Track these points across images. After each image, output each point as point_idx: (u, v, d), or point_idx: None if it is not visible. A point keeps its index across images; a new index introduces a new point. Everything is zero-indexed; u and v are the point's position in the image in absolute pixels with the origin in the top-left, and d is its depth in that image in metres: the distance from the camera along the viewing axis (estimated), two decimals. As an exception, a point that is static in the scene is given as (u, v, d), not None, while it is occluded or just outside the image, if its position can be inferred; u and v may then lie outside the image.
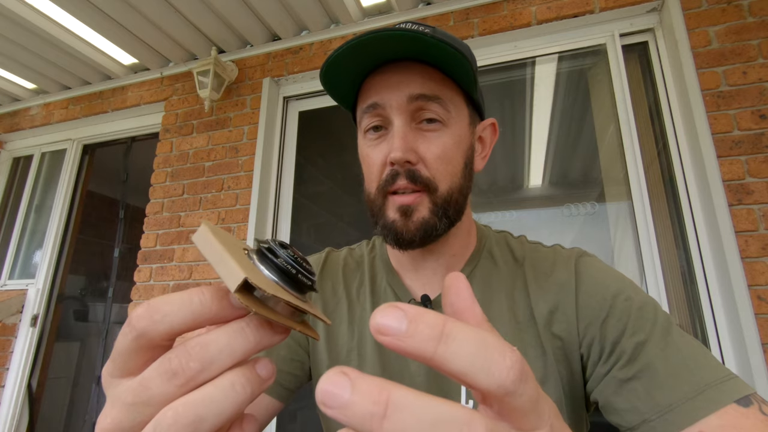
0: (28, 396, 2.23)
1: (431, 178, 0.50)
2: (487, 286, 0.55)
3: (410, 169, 0.50)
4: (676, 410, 0.40)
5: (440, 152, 0.51)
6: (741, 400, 0.39)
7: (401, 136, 0.50)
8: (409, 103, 0.50)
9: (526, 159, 1.73)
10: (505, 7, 1.77)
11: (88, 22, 1.96)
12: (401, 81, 0.51)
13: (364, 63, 0.52)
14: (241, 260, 0.22)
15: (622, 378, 0.44)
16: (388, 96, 0.51)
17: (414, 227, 0.50)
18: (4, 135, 2.77)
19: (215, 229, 0.24)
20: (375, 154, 0.53)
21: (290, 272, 0.23)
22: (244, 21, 2.00)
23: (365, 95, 0.53)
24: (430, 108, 0.51)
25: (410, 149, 0.50)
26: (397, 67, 0.51)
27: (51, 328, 2.37)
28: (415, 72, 0.51)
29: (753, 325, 1.21)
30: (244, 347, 0.21)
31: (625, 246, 1.50)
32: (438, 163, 0.51)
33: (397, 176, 0.50)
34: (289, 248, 0.24)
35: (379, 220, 0.53)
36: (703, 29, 1.48)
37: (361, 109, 0.54)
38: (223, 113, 2.15)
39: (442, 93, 0.52)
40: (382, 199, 0.52)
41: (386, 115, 0.52)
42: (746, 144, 1.35)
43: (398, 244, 0.52)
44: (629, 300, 0.48)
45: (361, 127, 0.55)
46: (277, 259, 0.23)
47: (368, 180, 0.55)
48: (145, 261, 2.08)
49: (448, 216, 0.52)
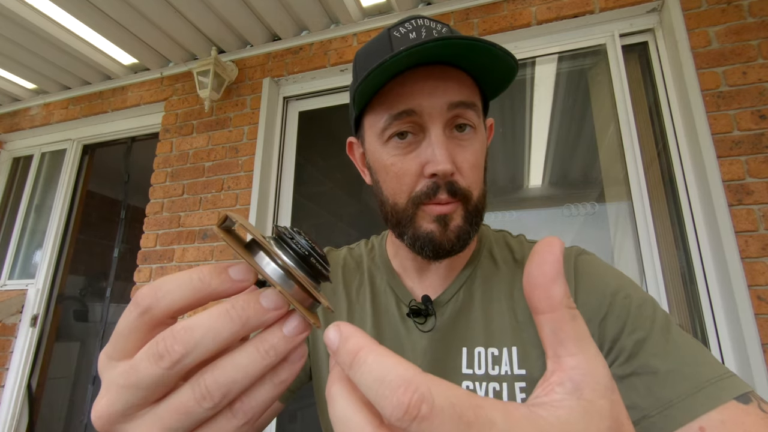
0: (28, 396, 2.23)
1: (467, 188, 0.50)
2: (487, 286, 0.56)
3: (450, 181, 0.48)
4: (676, 406, 0.40)
5: (474, 160, 0.50)
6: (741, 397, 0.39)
7: (444, 147, 0.48)
8: (449, 111, 0.49)
9: (526, 159, 1.73)
10: (505, 7, 1.77)
11: (88, 22, 1.96)
12: (439, 86, 0.48)
13: (400, 66, 0.47)
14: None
15: (622, 374, 0.44)
16: (427, 103, 0.48)
17: (453, 236, 0.50)
18: (4, 135, 2.76)
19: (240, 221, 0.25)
20: (406, 163, 0.50)
21: (305, 257, 0.22)
22: (244, 21, 2.00)
23: (393, 100, 0.49)
24: (467, 115, 0.50)
25: (453, 161, 0.48)
26: (430, 71, 0.49)
27: (51, 328, 2.37)
28: (453, 77, 0.49)
29: (753, 325, 1.21)
30: (230, 329, 0.21)
31: (625, 246, 1.50)
32: (472, 172, 0.50)
33: (437, 189, 0.48)
34: (306, 236, 0.24)
35: (408, 231, 0.51)
36: (703, 29, 1.48)
37: (390, 115, 0.49)
38: (223, 113, 2.15)
39: (476, 99, 0.51)
40: (414, 209, 0.50)
41: (421, 123, 0.49)
42: (746, 144, 1.35)
43: (437, 254, 0.51)
44: (628, 298, 0.48)
45: (384, 133, 0.51)
46: (293, 242, 0.23)
47: (394, 190, 0.51)
48: (145, 261, 2.08)
49: (477, 222, 0.52)
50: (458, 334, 0.53)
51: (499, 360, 0.50)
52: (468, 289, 0.56)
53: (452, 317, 0.54)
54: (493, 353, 0.51)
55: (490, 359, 0.50)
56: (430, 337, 0.53)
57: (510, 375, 0.49)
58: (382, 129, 0.51)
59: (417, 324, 0.55)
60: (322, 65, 2.02)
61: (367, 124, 0.54)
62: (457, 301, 0.55)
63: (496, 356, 0.50)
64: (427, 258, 0.52)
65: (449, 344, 0.53)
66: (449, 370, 0.52)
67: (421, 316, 0.54)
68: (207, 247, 1.97)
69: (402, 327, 0.56)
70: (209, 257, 1.95)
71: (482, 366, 0.50)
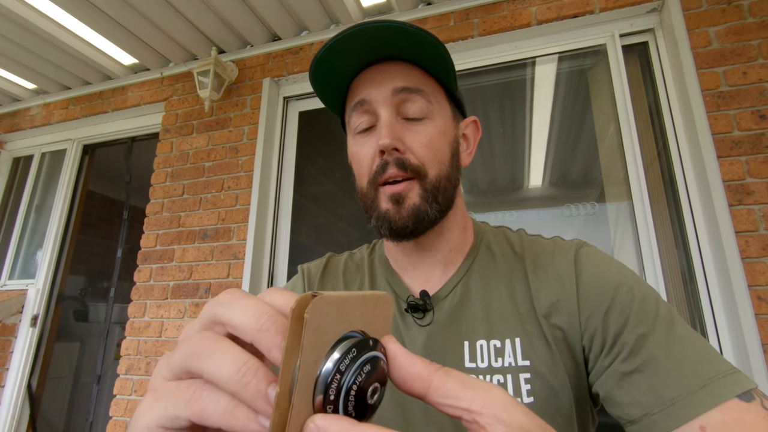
0: (28, 396, 2.23)
1: (420, 164, 0.52)
2: (486, 279, 0.56)
3: (399, 158, 0.51)
4: (678, 404, 0.40)
5: (427, 141, 0.53)
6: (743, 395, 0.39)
7: (388, 125, 0.52)
8: (394, 96, 0.53)
9: (526, 159, 1.73)
10: (505, 7, 1.77)
11: (88, 22, 1.96)
12: (385, 77, 0.53)
13: (348, 65, 0.54)
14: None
15: (624, 371, 0.44)
16: (374, 91, 0.53)
17: (406, 213, 0.51)
18: (4, 135, 2.76)
19: (387, 305, 0.24)
20: (364, 149, 0.54)
21: (332, 393, 0.20)
22: (244, 21, 2.00)
23: (352, 95, 0.56)
24: (414, 100, 0.53)
25: (398, 138, 0.51)
26: (381, 66, 0.54)
27: (51, 328, 2.37)
28: (398, 68, 0.54)
29: (753, 325, 1.21)
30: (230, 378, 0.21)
31: (625, 246, 1.50)
32: (425, 151, 0.53)
33: (387, 165, 0.51)
34: (377, 372, 0.21)
35: (373, 213, 0.54)
36: (703, 29, 1.48)
37: (349, 108, 0.56)
38: (223, 113, 2.15)
39: (425, 86, 0.54)
40: (374, 192, 0.53)
41: (373, 111, 0.53)
42: (746, 144, 1.35)
43: (392, 233, 0.53)
44: (631, 291, 0.48)
45: (350, 127, 0.57)
46: (350, 354, 0.20)
47: (359, 176, 0.56)
48: (145, 261, 2.08)
49: (438, 202, 0.53)
50: (458, 328, 0.53)
51: (501, 352, 0.50)
52: (466, 283, 0.56)
53: (451, 311, 0.54)
54: (495, 345, 0.51)
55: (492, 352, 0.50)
56: (428, 332, 0.54)
57: (514, 366, 0.49)
58: (348, 123, 0.57)
59: (416, 319, 0.55)
60: (322, 65, 2.02)
61: (346, 124, 0.59)
62: (455, 296, 0.55)
63: (498, 348, 0.50)
64: (387, 238, 0.54)
65: (449, 338, 0.53)
66: (452, 365, 0.51)
67: (420, 311, 0.55)
68: (207, 247, 1.97)
69: (401, 322, 0.56)
70: (209, 257, 1.95)
71: (485, 359, 0.50)
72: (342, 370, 0.20)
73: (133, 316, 2.01)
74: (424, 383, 0.21)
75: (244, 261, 1.86)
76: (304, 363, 0.19)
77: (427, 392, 0.21)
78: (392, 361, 0.21)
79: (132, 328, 1.99)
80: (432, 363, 0.21)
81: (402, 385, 0.21)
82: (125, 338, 1.99)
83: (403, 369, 0.21)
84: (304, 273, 0.66)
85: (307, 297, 0.19)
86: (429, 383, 0.20)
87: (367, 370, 0.20)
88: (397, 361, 0.21)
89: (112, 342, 2.35)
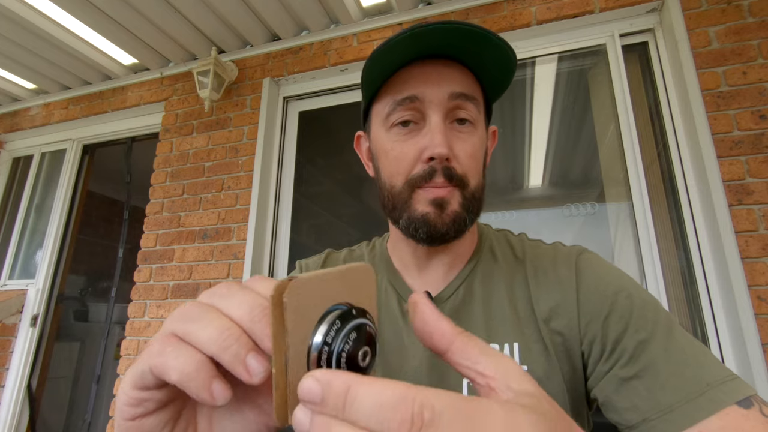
0: (28, 396, 2.23)
1: (464, 175, 0.51)
2: (488, 282, 0.56)
3: (447, 167, 0.50)
4: (677, 410, 0.40)
5: (472, 152, 0.52)
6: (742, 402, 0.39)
7: (443, 133, 0.50)
8: (450, 101, 0.51)
9: (526, 159, 1.73)
10: (505, 7, 1.77)
11: (88, 22, 1.96)
12: (443, 77, 0.51)
13: (408, 54, 0.51)
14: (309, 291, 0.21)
15: (624, 376, 0.44)
16: (429, 91, 0.51)
17: (449, 219, 0.51)
18: (4, 135, 2.76)
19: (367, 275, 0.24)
20: (405, 147, 0.52)
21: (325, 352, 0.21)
22: (244, 21, 2.00)
23: (399, 87, 0.52)
24: (467, 108, 0.52)
25: (450, 146, 0.50)
26: (436, 63, 0.51)
27: (51, 328, 2.37)
28: (456, 70, 0.52)
29: (753, 325, 1.21)
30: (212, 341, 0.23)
31: (625, 246, 1.50)
32: (469, 161, 0.52)
33: (434, 173, 0.50)
34: (364, 337, 0.22)
35: (404, 214, 0.52)
36: (703, 29, 1.48)
37: (394, 100, 0.52)
38: (223, 113, 2.15)
39: (477, 95, 0.53)
40: (410, 193, 0.52)
41: (422, 110, 0.51)
42: (746, 144, 1.35)
43: (430, 237, 0.51)
44: (630, 297, 0.48)
45: (388, 119, 0.53)
46: (335, 326, 0.21)
47: (392, 173, 0.54)
48: (145, 261, 2.08)
49: (473, 212, 0.53)
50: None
51: None
52: (469, 285, 0.56)
53: (452, 313, 0.54)
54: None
55: None
56: None
57: None
58: (387, 115, 0.53)
59: None
60: (322, 65, 2.02)
61: (374, 113, 0.56)
62: (458, 298, 0.55)
63: None
64: (421, 242, 0.53)
65: None
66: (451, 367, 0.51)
67: None
68: (207, 247, 1.97)
69: (402, 323, 0.56)
70: (209, 257, 1.95)
71: None
72: (329, 342, 0.21)
73: (133, 316, 2.01)
74: (447, 341, 0.21)
75: (244, 261, 1.86)
76: (293, 343, 0.20)
77: (447, 350, 0.21)
78: (420, 316, 0.22)
79: (132, 328, 1.99)
80: (456, 326, 0.22)
81: (426, 340, 0.22)
82: (125, 338, 1.99)
83: (430, 324, 0.22)
84: (302, 269, 0.66)
85: (284, 282, 0.20)
86: (451, 342, 0.21)
87: (353, 338, 0.21)
88: (424, 315, 0.22)
89: (112, 342, 2.35)
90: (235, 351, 0.22)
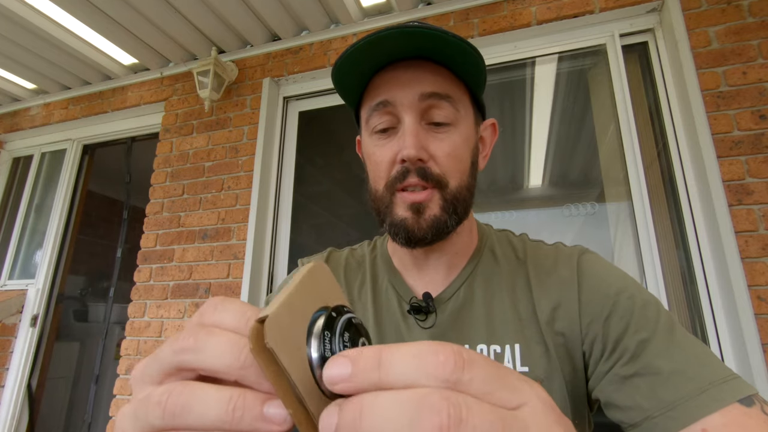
0: (28, 396, 2.23)
1: (442, 174, 0.51)
2: (488, 283, 0.56)
3: (421, 167, 0.50)
4: (679, 407, 0.40)
5: (450, 150, 0.51)
6: (744, 400, 0.39)
7: (413, 134, 0.49)
8: (421, 102, 0.50)
9: (526, 159, 1.73)
10: (505, 7, 1.77)
11: (88, 22, 1.96)
12: (412, 79, 0.51)
13: (376, 60, 0.51)
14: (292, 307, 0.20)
15: (625, 375, 0.44)
16: (400, 94, 0.51)
17: (426, 225, 0.50)
18: (4, 135, 2.76)
19: (322, 272, 0.23)
20: (383, 151, 0.52)
21: (324, 358, 0.20)
22: (244, 21, 2.00)
23: (374, 93, 0.53)
24: (441, 106, 0.51)
25: (422, 147, 0.50)
26: (408, 65, 0.51)
27: (51, 328, 2.37)
28: (427, 70, 0.51)
29: (753, 325, 1.21)
30: (219, 418, 0.19)
31: (625, 246, 1.50)
32: (448, 161, 0.51)
33: (407, 173, 0.50)
34: (356, 330, 0.21)
35: (387, 218, 0.53)
36: (703, 29, 1.48)
37: (369, 106, 0.53)
38: (223, 113, 2.15)
39: (453, 92, 0.52)
40: (390, 197, 0.52)
41: (396, 113, 0.51)
42: (746, 144, 1.35)
43: (409, 242, 0.52)
44: (632, 298, 0.48)
45: (368, 125, 0.54)
46: (326, 338, 0.20)
47: (374, 178, 0.54)
48: (145, 261, 2.08)
49: (457, 213, 0.52)
50: (460, 331, 0.53)
51: (501, 357, 0.50)
52: (469, 286, 0.56)
53: (453, 314, 0.54)
54: (495, 350, 0.51)
55: (492, 357, 0.50)
56: (431, 334, 0.54)
57: None
58: (366, 121, 0.54)
59: (418, 321, 0.55)
60: (322, 65, 2.02)
61: (361, 119, 0.57)
62: (458, 299, 0.55)
63: (498, 353, 0.50)
64: (402, 245, 0.53)
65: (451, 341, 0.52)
66: None
67: (422, 313, 0.54)
68: (207, 247, 1.97)
69: (403, 324, 0.56)
70: (209, 257, 1.95)
71: None
72: (329, 356, 0.20)
73: (133, 316, 2.01)
74: None
75: (244, 261, 1.86)
76: (298, 378, 0.19)
77: None
78: None
79: (132, 328, 1.99)
80: None
81: None
82: (125, 338, 1.99)
83: None
84: None
85: (257, 326, 0.19)
86: None
87: (348, 336, 0.21)
88: None
89: (112, 342, 2.35)
90: (251, 415, 0.19)
